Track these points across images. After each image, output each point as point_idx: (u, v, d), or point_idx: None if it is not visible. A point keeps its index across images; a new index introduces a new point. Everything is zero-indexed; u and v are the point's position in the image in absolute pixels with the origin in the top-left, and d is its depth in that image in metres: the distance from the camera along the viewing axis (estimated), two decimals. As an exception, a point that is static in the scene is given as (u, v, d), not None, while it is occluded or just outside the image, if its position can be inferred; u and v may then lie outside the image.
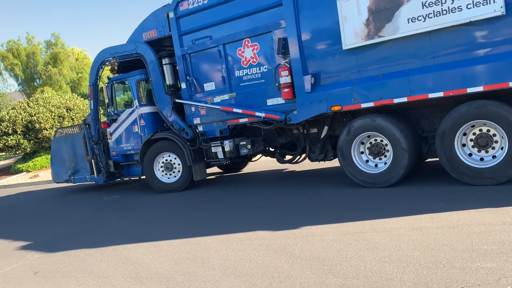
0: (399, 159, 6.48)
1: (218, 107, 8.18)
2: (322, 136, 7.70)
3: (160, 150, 9.15)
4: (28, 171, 18.66)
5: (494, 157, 5.92)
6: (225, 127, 8.40)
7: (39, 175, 17.57)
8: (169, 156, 9.12)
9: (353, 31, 6.47)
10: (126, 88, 9.80)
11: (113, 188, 11.52)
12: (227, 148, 8.35)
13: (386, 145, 6.70)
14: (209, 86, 8.46)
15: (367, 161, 6.91)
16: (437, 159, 6.44)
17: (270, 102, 7.65)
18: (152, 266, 4.78)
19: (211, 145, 8.61)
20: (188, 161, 8.71)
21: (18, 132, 18.44)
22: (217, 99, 8.30)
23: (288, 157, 8.58)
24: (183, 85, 8.74)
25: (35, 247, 6.45)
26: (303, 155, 8.19)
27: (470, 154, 6.06)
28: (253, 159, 9.74)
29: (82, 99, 21.20)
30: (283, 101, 7.43)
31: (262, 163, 10.71)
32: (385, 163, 6.71)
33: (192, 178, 8.91)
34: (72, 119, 19.43)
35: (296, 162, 8.42)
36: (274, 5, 7.27)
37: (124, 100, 9.99)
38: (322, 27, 6.83)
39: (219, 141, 8.45)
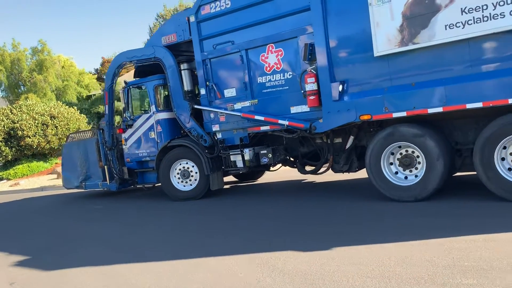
0: (432, 172, 6.16)
1: (239, 114, 7.92)
2: (347, 147, 7.41)
3: (177, 157, 8.89)
4: (8, 179, 18.30)
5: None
6: (245, 134, 8.13)
7: (19, 183, 17.23)
8: (186, 163, 8.85)
9: (385, 37, 6.20)
10: (143, 93, 9.57)
11: (107, 196, 11.24)
12: (247, 157, 8.07)
13: (418, 156, 6.39)
14: (229, 92, 8.21)
15: (396, 172, 6.59)
16: (469, 172, 6.15)
17: (294, 109, 7.38)
18: (132, 279, 4.64)
19: (230, 153, 8.34)
20: (206, 169, 8.43)
21: (0, 139, 18.11)
22: (238, 105, 8.04)
23: (309, 168, 8.29)
24: (202, 91, 8.50)
25: (13, 257, 6.17)
26: (326, 166, 7.89)
27: (510, 169, 5.75)
28: (271, 169, 9.42)
29: (67, 107, 20.92)
30: (308, 109, 7.15)
31: (280, 173, 10.40)
32: (416, 176, 6.40)
33: (209, 186, 8.62)
34: (56, 127, 19.10)
35: (319, 173, 8.11)
36: (301, 10, 7.03)
37: (141, 105, 9.75)
38: (352, 33, 6.57)
39: (238, 149, 8.18)
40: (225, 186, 10.18)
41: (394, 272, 3.86)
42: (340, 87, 6.71)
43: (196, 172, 8.74)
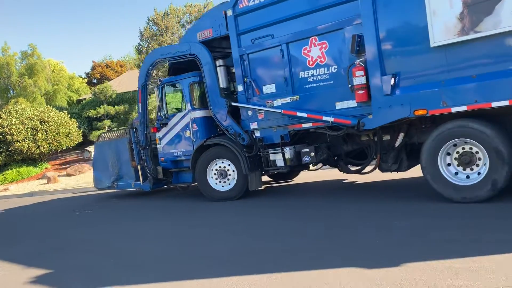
0: (496, 170, 5.69)
1: (279, 111, 7.57)
2: (396, 144, 6.97)
3: (214, 156, 8.59)
4: None
5: None
6: (286, 132, 7.77)
7: (9, 189, 17.09)
8: (223, 163, 8.53)
9: (443, 27, 5.76)
10: (177, 91, 9.31)
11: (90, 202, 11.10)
12: (287, 156, 7.71)
13: (477, 152, 5.92)
14: (268, 89, 7.88)
15: (456, 173, 6.11)
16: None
17: (340, 105, 6.98)
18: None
19: (269, 152, 7.99)
20: (244, 169, 8.11)
21: None
22: (278, 102, 7.70)
23: (353, 167, 7.88)
24: (240, 88, 8.18)
25: (1, 264, 6.02)
26: (373, 165, 7.47)
27: None
28: (311, 168, 8.97)
29: (57, 111, 20.74)
30: (355, 104, 6.76)
31: (316, 172, 10.00)
32: (479, 173, 5.91)
33: (247, 187, 8.30)
34: (46, 131, 18.94)
35: (364, 173, 7.70)
36: (347, 0, 6.65)
37: (175, 104, 9.50)
38: (405, 22, 6.16)
39: (279, 148, 7.82)
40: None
41: (385, 275, 3.83)
42: (392, 81, 6.29)
43: (234, 171, 8.41)
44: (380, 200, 6.93)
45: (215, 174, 8.63)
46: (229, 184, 8.52)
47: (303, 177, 10.45)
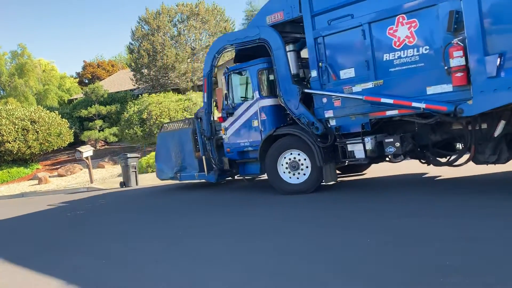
0: None
1: (361, 97, 6.98)
2: (496, 134, 6.22)
3: (285, 147, 8.11)
4: None
5: None
6: (367, 121, 7.17)
7: None
8: (296, 154, 8.02)
9: None
10: (244, 79, 8.92)
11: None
12: (368, 146, 7.10)
13: None
14: (346, 74, 7.30)
15: None
16: None
17: (432, 90, 6.30)
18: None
19: (347, 142, 7.43)
20: (318, 160, 7.58)
21: None
22: (357, 88, 7.11)
23: (443, 159, 7.17)
24: (314, 73, 7.66)
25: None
26: (467, 156, 6.74)
27: None
28: (393, 160, 8.22)
29: (47, 111, 20.56)
30: (451, 89, 6.06)
31: (389, 165, 9.31)
32: None
33: (321, 179, 7.78)
34: (37, 131, 18.76)
35: (456, 165, 6.97)
36: (443, -28, 5.96)
37: (241, 92, 9.10)
38: (516, -7, 5.41)
39: (359, 138, 7.22)
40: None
41: (380, 274, 3.78)
42: (498, 61, 5.55)
43: (307, 165, 7.86)
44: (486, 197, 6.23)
45: (286, 165, 8.15)
46: (301, 176, 8.00)
47: (374, 170, 9.78)
